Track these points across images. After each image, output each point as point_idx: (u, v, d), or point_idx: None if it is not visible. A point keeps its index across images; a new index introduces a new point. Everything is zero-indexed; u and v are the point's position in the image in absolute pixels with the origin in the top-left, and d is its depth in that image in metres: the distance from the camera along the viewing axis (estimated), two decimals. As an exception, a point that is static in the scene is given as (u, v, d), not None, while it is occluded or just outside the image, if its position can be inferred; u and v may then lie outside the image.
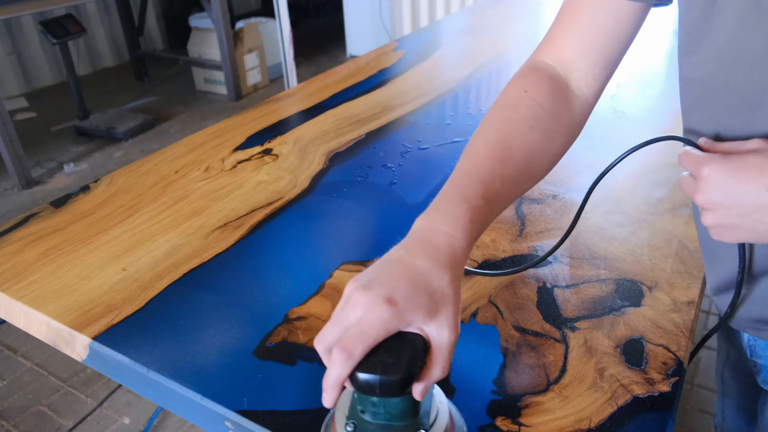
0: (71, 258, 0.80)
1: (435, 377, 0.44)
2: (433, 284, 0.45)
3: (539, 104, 0.59)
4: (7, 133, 2.83)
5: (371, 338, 0.42)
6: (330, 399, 0.44)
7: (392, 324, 0.43)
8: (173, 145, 1.12)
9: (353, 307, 0.44)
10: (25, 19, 4.21)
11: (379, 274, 0.46)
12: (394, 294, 0.43)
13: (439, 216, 0.50)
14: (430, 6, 4.42)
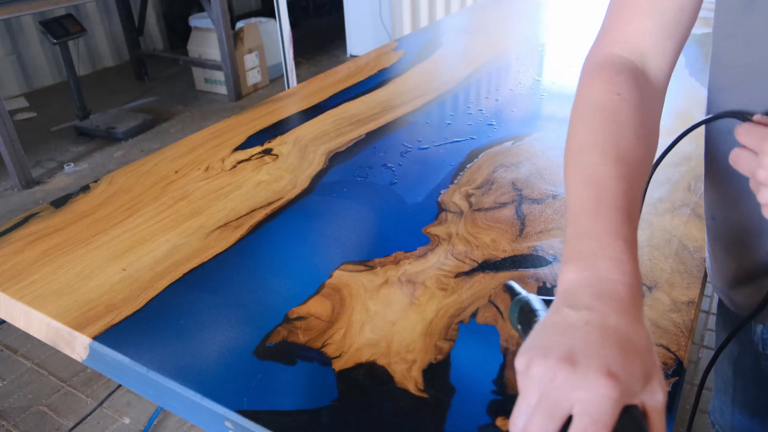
0: (71, 258, 0.80)
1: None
2: (639, 344, 0.39)
3: (636, 106, 0.55)
4: (7, 133, 2.83)
5: (608, 424, 0.36)
6: None
7: (622, 400, 0.37)
8: (173, 145, 1.12)
9: (565, 389, 0.37)
10: (25, 19, 4.21)
11: (573, 341, 0.39)
12: (611, 365, 0.37)
13: (603, 264, 0.43)
14: (430, 6, 4.42)
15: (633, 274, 0.43)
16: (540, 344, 0.39)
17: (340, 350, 0.63)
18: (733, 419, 0.96)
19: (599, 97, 0.56)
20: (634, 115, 0.54)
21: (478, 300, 0.70)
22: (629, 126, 0.53)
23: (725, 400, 0.95)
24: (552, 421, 0.36)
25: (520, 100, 1.28)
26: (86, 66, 4.68)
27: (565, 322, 0.40)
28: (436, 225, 0.85)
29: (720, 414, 0.98)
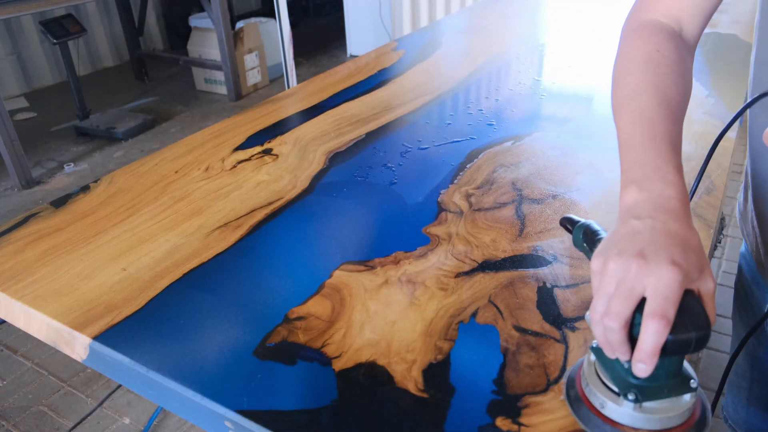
0: (71, 258, 0.80)
1: (712, 325, 0.47)
2: (693, 243, 0.49)
3: (674, 61, 0.63)
4: (7, 133, 2.83)
5: (676, 301, 0.45)
6: (649, 368, 0.45)
7: (685, 284, 0.46)
8: (173, 145, 1.12)
9: (639, 276, 0.46)
10: (25, 19, 4.21)
11: (642, 242, 0.48)
12: (675, 257, 0.46)
13: (659, 185, 0.53)
14: (430, 6, 4.42)
15: (683, 192, 0.52)
16: (613, 247, 0.48)
17: (340, 350, 0.63)
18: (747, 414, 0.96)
19: (642, 53, 0.65)
20: (673, 68, 0.63)
21: (478, 300, 0.70)
22: (670, 76, 0.62)
23: (739, 395, 0.95)
24: (629, 301, 0.45)
25: (520, 100, 1.28)
26: (86, 66, 4.68)
27: (633, 230, 0.49)
28: (436, 225, 0.85)
29: (733, 409, 0.98)
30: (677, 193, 0.52)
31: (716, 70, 1.39)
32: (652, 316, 0.44)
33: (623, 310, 0.45)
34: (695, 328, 0.45)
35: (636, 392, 0.49)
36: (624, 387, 0.50)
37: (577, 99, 1.28)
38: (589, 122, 1.17)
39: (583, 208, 0.88)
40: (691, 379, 0.50)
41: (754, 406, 0.93)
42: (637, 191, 0.53)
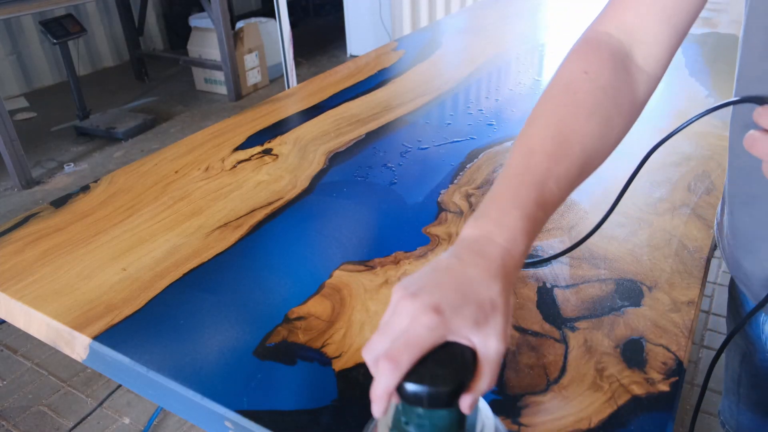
0: (71, 258, 0.80)
1: (482, 389, 0.42)
2: (482, 294, 0.43)
3: (600, 87, 0.55)
4: (7, 133, 2.83)
5: (418, 348, 0.41)
6: (379, 409, 0.42)
7: (438, 333, 0.41)
8: (173, 145, 1.12)
9: (399, 316, 0.42)
10: (25, 19, 4.21)
11: (427, 282, 0.44)
12: (441, 303, 0.42)
13: (491, 226, 0.47)
14: (430, 6, 4.42)
15: (515, 242, 0.46)
16: (409, 280, 0.44)
17: (340, 350, 0.63)
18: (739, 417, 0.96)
19: (568, 73, 0.57)
20: (593, 96, 0.55)
21: (478, 300, 0.70)
22: (584, 106, 0.54)
23: (732, 399, 0.95)
24: (383, 337, 0.42)
25: (520, 100, 1.28)
26: (86, 66, 4.68)
27: (436, 265, 0.45)
28: (436, 225, 0.85)
29: (729, 413, 0.98)
30: (504, 240, 0.46)
31: (716, 70, 1.39)
32: (384, 357, 0.40)
33: (377, 344, 0.42)
34: (431, 382, 0.40)
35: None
36: (394, 427, 0.44)
37: (577, 99, 1.28)
38: (589, 122, 1.16)
39: (583, 207, 0.88)
40: None
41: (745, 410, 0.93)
42: (469, 226, 0.48)
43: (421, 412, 0.42)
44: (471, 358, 0.42)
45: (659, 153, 1.03)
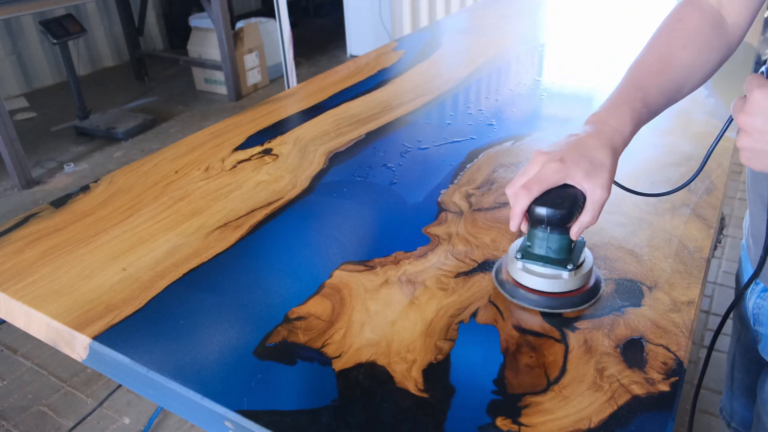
0: (71, 258, 0.80)
1: (586, 222, 0.63)
2: (596, 156, 0.62)
3: (692, 28, 0.71)
4: (7, 133, 2.83)
5: (545, 183, 0.61)
6: (515, 224, 0.64)
7: (560, 175, 0.61)
8: (173, 145, 1.12)
9: (533, 164, 0.63)
10: (25, 19, 4.21)
11: (557, 145, 0.64)
12: (564, 156, 0.62)
13: (605, 114, 0.66)
14: (430, 6, 4.42)
15: (624, 125, 0.65)
16: (546, 146, 0.65)
17: (340, 350, 0.63)
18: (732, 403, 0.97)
19: (666, 22, 0.74)
20: (686, 34, 0.71)
21: (478, 300, 0.70)
22: (680, 40, 0.71)
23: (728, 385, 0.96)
24: (522, 177, 0.64)
25: (519, 100, 1.28)
26: (86, 66, 4.68)
27: (567, 138, 0.65)
28: (436, 225, 0.85)
29: (728, 400, 0.99)
30: (616, 123, 0.65)
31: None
32: (521, 187, 0.62)
33: (516, 182, 0.63)
34: (551, 206, 0.61)
35: (522, 252, 0.68)
36: (521, 250, 0.68)
37: (577, 99, 1.28)
38: (589, 122, 1.16)
39: (583, 208, 0.88)
40: (569, 263, 0.66)
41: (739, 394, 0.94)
42: (592, 117, 0.67)
43: (541, 234, 0.66)
44: (582, 198, 0.62)
45: (659, 153, 1.03)
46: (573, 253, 0.67)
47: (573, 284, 0.67)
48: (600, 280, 0.70)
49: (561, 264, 0.66)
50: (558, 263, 0.66)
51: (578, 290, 0.67)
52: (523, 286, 0.68)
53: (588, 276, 0.68)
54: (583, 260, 0.68)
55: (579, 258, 0.67)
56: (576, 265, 0.66)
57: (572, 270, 0.66)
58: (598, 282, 0.70)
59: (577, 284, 0.67)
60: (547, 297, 0.67)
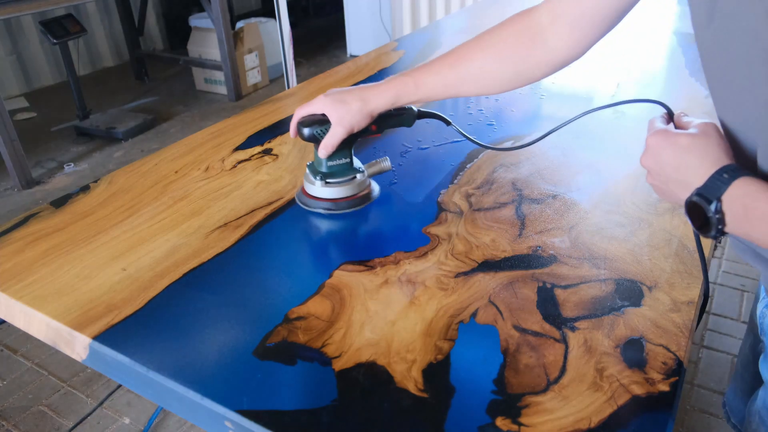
0: (71, 258, 0.80)
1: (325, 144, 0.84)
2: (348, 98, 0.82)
3: (504, 37, 0.78)
4: (7, 133, 2.83)
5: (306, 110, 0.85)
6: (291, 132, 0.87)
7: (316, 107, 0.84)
8: (173, 145, 1.12)
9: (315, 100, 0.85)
10: (25, 19, 4.21)
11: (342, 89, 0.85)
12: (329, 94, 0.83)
13: (386, 80, 0.83)
14: (430, 6, 4.42)
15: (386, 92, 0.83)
16: None
17: (340, 350, 0.63)
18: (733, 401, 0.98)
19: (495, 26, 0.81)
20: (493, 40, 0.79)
21: (478, 300, 0.70)
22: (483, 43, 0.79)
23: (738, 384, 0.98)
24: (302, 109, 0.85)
25: (520, 100, 1.28)
26: (86, 66, 4.68)
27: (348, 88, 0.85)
28: (436, 225, 0.85)
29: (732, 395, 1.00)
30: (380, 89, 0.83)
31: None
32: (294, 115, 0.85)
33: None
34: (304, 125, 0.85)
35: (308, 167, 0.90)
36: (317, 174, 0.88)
37: (577, 99, 1.28)
38: (588, 122, 1.17)
39: (583, 207, 0.88)
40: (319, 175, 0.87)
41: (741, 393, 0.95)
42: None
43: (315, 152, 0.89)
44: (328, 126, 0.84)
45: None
46: (331, 169, 0.87)
47: (325, 193, 0.87)
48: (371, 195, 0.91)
49: (316, 175, 0.88)
50: (315, 174, 0.88)
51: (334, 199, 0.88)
52: (305, 192, 0.90)
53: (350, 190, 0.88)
54: (352, 178, 0.88)
55: (340, 175, 0.88)
56: (326, 180, 0.87)
57: (321, 181, 0.87)
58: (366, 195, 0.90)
59: (328, 194, 0.88)
60: (307, 196, 0.89)
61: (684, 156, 0.56)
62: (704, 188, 0.54)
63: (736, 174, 0.53)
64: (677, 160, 0.57)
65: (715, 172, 0.54)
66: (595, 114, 1.21)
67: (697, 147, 0.56)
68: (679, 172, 0.57)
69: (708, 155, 0.55)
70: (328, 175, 0.88)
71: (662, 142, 0.58)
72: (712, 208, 0.53)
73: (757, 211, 0.51)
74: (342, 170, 0.88)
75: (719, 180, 0.53)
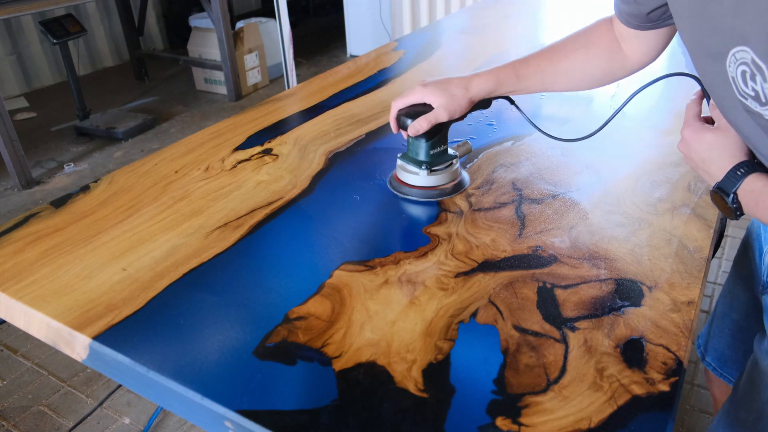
0: (71, 258, 0.80)
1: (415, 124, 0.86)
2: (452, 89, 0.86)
3: (593, 43, 0.85)
4: (7, 133, 2.83)
5: (407, 99, 0.88)
6: (393, 127, 0.91)
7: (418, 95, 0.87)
8: (173, 145, 1.12)
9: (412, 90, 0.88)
10: (25, 19, 4.21)
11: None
12: (429, 85, 0.86)
13: (484, 72, 0.87)
14: (430, 6, 4.42)
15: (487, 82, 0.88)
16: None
17: (340, 350, 0.63)
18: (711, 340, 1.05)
19: (584, 29, 0.88)
20: (585, 42, 0.86)
21: (478, 300, 0.70)
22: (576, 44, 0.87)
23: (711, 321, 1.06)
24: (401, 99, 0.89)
25: (519, 101, 1.28)
26: (86, 66, 4.68)
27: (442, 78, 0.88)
28: (436, 225, 0.85)
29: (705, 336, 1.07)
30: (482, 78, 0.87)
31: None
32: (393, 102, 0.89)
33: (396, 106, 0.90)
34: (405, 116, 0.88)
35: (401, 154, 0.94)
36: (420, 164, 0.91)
37: (577, 99, 1.28)
38: (588, 122, 1.17)
39: (584, 208, 0.88)
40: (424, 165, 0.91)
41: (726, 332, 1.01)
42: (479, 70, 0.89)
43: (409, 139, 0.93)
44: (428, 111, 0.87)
45: (659, 153, 1.03)
46: (433, 157, 0.90)
47: (429, 181, 0.90)
48: (463, 183, 0.94)
49: (418, 164, 0.91)
50: (417, 163, 0.91)
51: (436, 187, 0.91)
52: (398, 179, 0.94)
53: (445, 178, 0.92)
54: (448, 166, 0.92)
55: (440, 163, 0.91)
56: (431, 168, 0.90)
57: (426, 170, 0.90)
58: (460, 184, 0.93)
59: (432, 182, 0.91)
60: (409, 187, 0.92)
61: (708, 152, 0.67)
62: (723, 182, 0.65)
63: (749, 171, 0.62)
64: (703, 155, 0.67)
65: (732, 169, 0.64)
66: (595, 114, 1.21)
67: (718, 144, 0.66)
68: (705, 164, 0.67)
69: (727, 152, 0.65)
70: (431, 163, 0.90)
71: (692, 136, 0.68)
72: (729, 200, 0.64)
73: (765, 205, 0.61)
74: (442, 158, 0.92)
75: (734, 177, 0.63)
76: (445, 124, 0.88)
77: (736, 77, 0.53)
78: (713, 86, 0.61)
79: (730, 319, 0.98)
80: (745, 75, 0.52)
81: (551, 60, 0.86)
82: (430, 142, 0.89)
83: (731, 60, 0.53)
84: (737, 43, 0.51)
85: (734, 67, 0.53)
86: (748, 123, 0.57)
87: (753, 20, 0.48)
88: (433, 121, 0.85)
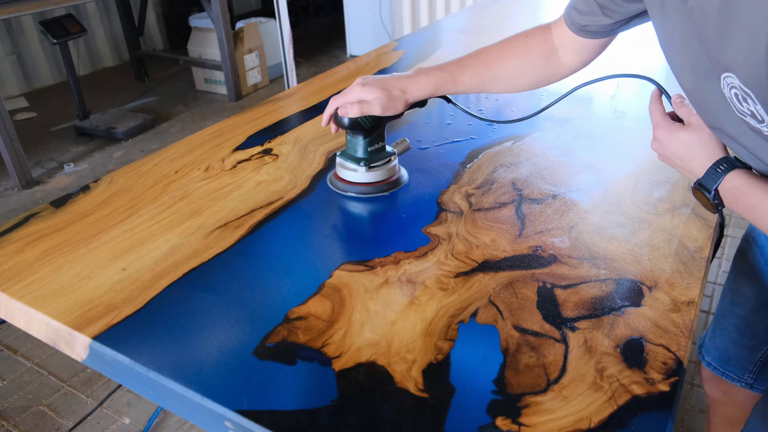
0: (71, 258, 0.80)
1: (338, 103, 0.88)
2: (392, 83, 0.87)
3: (529, 48, 0.88)
4: (7, 133, 2.83)
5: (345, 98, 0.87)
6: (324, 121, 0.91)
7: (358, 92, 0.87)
8: (173, 145, 1.12)
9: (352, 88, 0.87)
10: (25, 19, 4.21)
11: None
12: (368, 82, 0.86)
13: (424, 71, 0.89)
14: (430, 6, 4.42)
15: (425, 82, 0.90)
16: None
17: (340, 350, 0.63)
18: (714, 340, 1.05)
19: (522, 33, 0.90)
20: (521, 47, 0.89)
21: (478, 300, 0.70)
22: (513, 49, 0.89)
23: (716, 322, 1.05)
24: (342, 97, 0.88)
25: (520, 100, 1.28)
26: (86, 66, 4.68)
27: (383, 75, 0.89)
28: (436, 225, 0.85)
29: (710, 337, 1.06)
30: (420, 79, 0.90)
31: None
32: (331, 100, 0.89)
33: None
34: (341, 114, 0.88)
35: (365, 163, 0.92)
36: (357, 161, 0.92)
37: (577, 99, 1.28)
38: (588, 122, 1.17)
39: (584, 208, 0.88)
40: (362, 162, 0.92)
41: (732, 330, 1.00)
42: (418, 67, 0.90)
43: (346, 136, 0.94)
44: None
45: (659, 153, 1.03)
46: (371, 154, 0.91)
47: (367, 177, 0.91)
48: (401, 180, 0.95)
49: (357, 161, 0.91)
50: (356, 160, 0.91)
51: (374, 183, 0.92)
52: (338, 176, 0.95)
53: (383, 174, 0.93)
54: (386, 163, 0.93)
55: (378, 159, 0.92)
56: (369, 165, 0.91)
57: (365, 167, 0.91)
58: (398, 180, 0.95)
59: (370, 178, 0.92)
60: (348, 184, 0.93)
61: (685, 150, 0.67)
62: (704, 179, 0.65)
63: (729, 168, 0.63)
64: (680, 153, 0.68)
65: (712, 166, 0.64)
66: (595, 114, 1.21)
67: (694, 142, 0.67)
68: (684, 162, 0.68)
69: (705, 149, 0.66)
70: (369, 159, 0.91)
71: (667, 136, 0.69)
72: (710, 196, 0.65)
73: (744, 202, 0.62)
74: (380, 154, 0.93)
75: (714, 174, 0.64)
76: (382, 120, 0.89)
77: (731, 98, 0.54)
78: (707, 102, 0.61)
79: (734, 316, 0.98)
80: (738, 96, 0.53)
81: (488, 65, 0.89)
82: (368, 139, 0.90)
83: (724, 83, 0.54)
84: (725, 70, 0.52)
85: (728, 90, 0.54)
86: (748, 134, 0.58)
87: (736, 49, 0.49)
88: (366, 111, 0.85)
